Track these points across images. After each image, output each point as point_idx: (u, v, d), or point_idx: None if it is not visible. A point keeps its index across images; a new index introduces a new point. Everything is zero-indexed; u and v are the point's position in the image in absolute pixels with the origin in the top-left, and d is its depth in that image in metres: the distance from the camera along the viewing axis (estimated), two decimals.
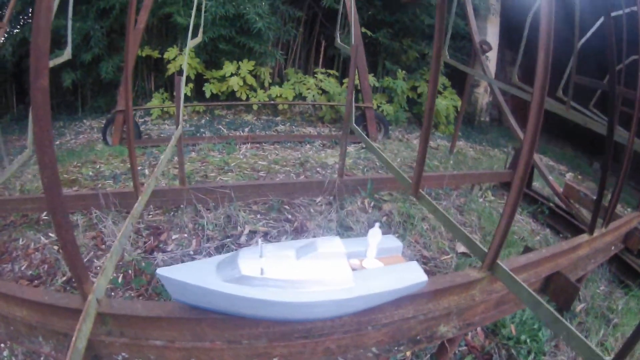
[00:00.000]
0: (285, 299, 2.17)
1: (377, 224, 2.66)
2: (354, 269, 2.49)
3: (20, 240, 4.30)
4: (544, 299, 2.52)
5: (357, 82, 8.84)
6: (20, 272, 3.93)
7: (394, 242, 2.92)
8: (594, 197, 4.58)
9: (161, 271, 2.17)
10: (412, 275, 2.53)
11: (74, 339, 1.86)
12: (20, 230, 4.46)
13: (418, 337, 2.72)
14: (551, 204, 6.02)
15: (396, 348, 2.67)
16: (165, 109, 9.61)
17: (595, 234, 3.87)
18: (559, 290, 3.38)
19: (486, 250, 2.72)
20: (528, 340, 3.60)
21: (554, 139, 12.24)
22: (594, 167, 10.67)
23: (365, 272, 2.52)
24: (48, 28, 1.60)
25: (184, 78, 4.54)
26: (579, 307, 4.24)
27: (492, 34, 11.44)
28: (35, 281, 3.83)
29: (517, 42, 6.06)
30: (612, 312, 4.29)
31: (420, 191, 3.40)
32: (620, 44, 4.39)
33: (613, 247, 4.51)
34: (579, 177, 9.61)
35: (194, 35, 5.71)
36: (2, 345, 3.17)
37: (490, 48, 7.33)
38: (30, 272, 3.91)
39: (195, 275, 2.18)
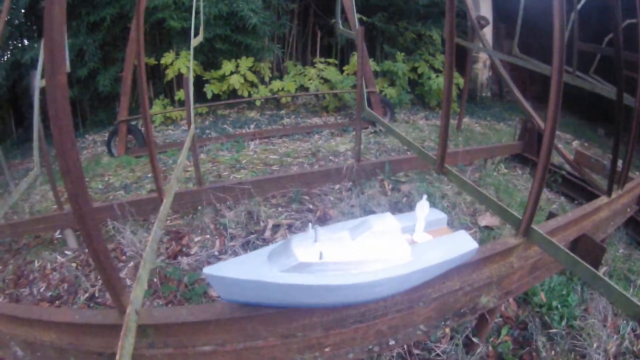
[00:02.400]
0: (347, 281, 2.12)
1: (425, 197, 2.67)
2: None
3: (36, 262, 4.29)
4: None
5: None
6: (39, 294, 3.92)
7: (438, 215, 2.91)
8: (605, 162, 4.62)
9: (209, 270, 2.08)
10: (464, 244, 2.55)
11: (117, 357, 1.72)
12: (34, 251, 4.46)
13: (462, 310, 2.75)
14: (563, 172, 6.04)
15: (443, 323, 2.69)
16: (167, 115, 9.59)
17: (613, 196, 3.92)
18: (586, 252, 3.43)
19: (520, 217, 2.76)
20: (559, 306, 3.66)
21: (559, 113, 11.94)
22: (599, 134, 10.63)
23: (420, 245, 2.51)
24: (63, 19, 1.51)
25: (191, 76, 4.53)
26: (602, 270, 4.27)
27: (485, 8, 11.39)
28: (57, 302, 3.82)
29: (510, 15, 6.05)
30: (633, 273, 4.35)
31: (446, 166, 3.42)
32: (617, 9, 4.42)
33: (629, 209, 4.54)
34: (585, 144, 9.59)
35: (194, 35, 5.71)
36: None
37: (487, 23, 7.35)
38: (49, 293, 3.90)
39: (249, 270, 2.10)
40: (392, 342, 2.54)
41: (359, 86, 4.99)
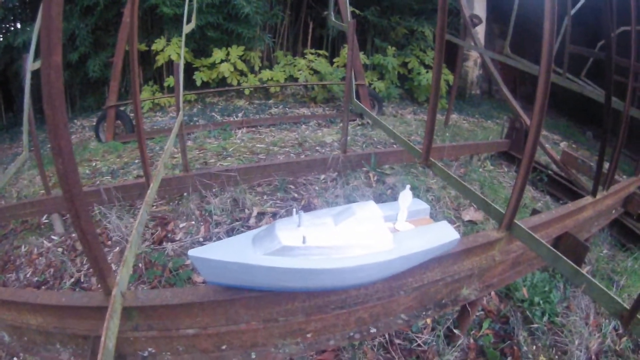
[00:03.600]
0: (330, 265, 2.13)
1: (408, 186, 2.70)
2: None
3: (23, 247, 4.28)
4: None
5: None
6: (26, 279, 3.91)
7: (420, 205, 2.93)
8: (591, 164, 4.66)
9: (194, 252, 2.09)
10: (446, 234, 2.56)
11: (102, 338, 1.73)
12: (21, 237, 4.43)
13: (443, 301, 2.76)
14: (549, 172, 6.08)
15: (424, 313, 2.70)
16: (156, 101, 9.54)
17: (598, 196, 3.96)
18: (569, 250, 3.45)
19: (503, 211, 2.77)
20: (541, 302, 3.69)
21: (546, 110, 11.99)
22: (587, 136, 10.73)
23: (401, 233, 2.51)
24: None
25: (181, 63, 4.48)
26: (585, 269, 4.30)
27: (479, 7, 11.40)
28: (43, 287, 3.81)
29: (504, 15, 6.08)
30: (616, 274, 4.38)
31: (431, 159, 3.43)
32: (610, 16, 4.44)
33: (614, 211, 4.61)
34: (573, 145, 9.66)
35: (186, 21, 5.67)
36: (15, 359, 3.11)
37: (480, 21, 7.36)
38: (36, 278, 3.90)
39: (233, 252, 2.11)
40: (373, 330, 2.55)
41: (347, 78, 4.99)
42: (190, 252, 2.10)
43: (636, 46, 4.00)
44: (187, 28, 5.54)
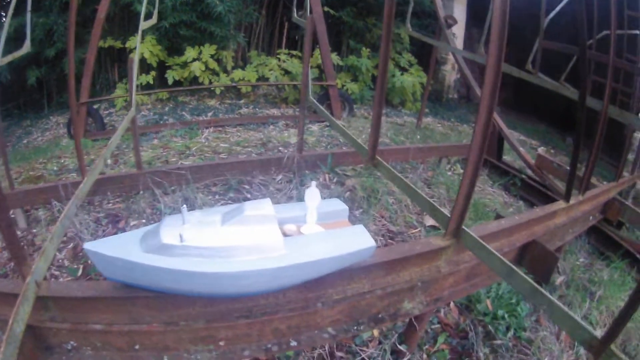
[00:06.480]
0: (207, 269, 1.97)
1: (314, 183, 2.48)
2: (288, 235, 2.30)
3: None
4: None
5: (320, 61, 8.78)
6: None
7: (338, 206, 2.70)
8: (568, 168, 4.43)
9: (88, 245, 2.02)
10: (357, 241, 2.29)
11: (10, 322, 1.80)
12: None
13: (380, 315, 2.52)
14: (523, 176, 5.86)
15: (355, 328, 2.46)
16: (128, 99, 9.32)
17: (572, 202, 3.71)
18: (536, 260, 3.20)
19: (449, 215, 2.46)
20: (506, 316, 3.42)
21: (525, 116, 12.22)
22: (567, 142, 10.65)
23: (301, 238, 2.30)
24: None
25: (136, 58, 4.50)
26: (558, 279, 4.09)
27: (459, 11, 11.34)
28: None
29: (484, 20, 5.87)
30: (594, 284, 4.15)
31: (377, 157, 3.18)
32: (591, 21, 4.44)
33: (591, 217, 4.38)
34: (552, 151, 9.60)
35: (149, 18, 5.52)
36: None
37: (455, 22, 7.29)
38: None
39: (119, 247, 2.02)
40: (293, 343, 2.36)
41: (304, 75, 4.87)
42: (86, 245, 2.03)
43: (615, 41, 3.75)
44: (146, 24, 5.46)
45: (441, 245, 2.54)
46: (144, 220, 4.28)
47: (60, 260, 3.71)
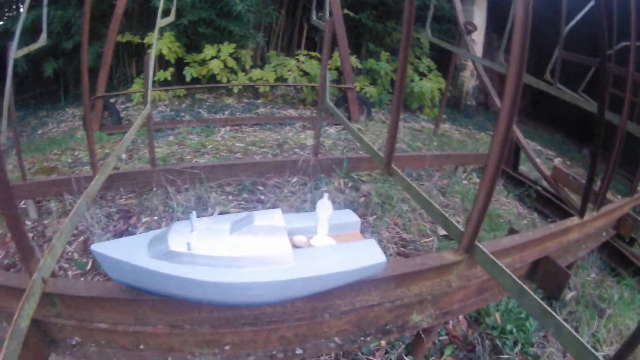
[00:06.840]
0: (214, 278, 1.97)
1: (326, 195, 2.46)
2: (298, 247, 2.29)
3: None
4: (530, 287, 2.25)
5: (338, 63, 8.80)
6: None
7: (350, 217, 2.69)
8: (584, 181, 4.38)
9: (96, 247, 2.03)
10: (368, 256, 2.26)
11: (15, 317, 1.82)
12: None
13: (388, 327, 2.50)
14: (538, 187, 5.77)
15: (362, 338, 2.45)
16: (144, 96, 9.38)
17: (586, 217, 3.65)
18: (548, 277, 3.16)
19: (462, 229, 2.44)
20: (514, 330, 3.36)
21: (542, 126, 12.11)
22: (584, 154, 10.50)
23: (311, 250, 2.29)
24: None
25: (153, 55, 4.46)
26: (569, 295, 4.02)
27: (479, 17, 11.25)
28: (12, 269, 3.75)
29: (504, 26, 5.82)
30: (603, 301, 4.06)
31: (393, 167, 3.15)
32: (611, 31, 4.22)
33: (604, 233, 4.30)
34: (568, 162, 9.47)
35: (167, 15, 5.54)
36: None
37: (475, 28, 7.19)
38: (7, 261, 3.85)
39: (126, 251, 2.02)
40: (299, 352, 2.35)
41: (321, 78, 4.84)
42: (93, 247, 2.05)
43: (635, 54, 3.70)
44: (163, 22, 5.46)
45: (453, 260, 2.51)
46: (155, 217, 4.30)
47: (69, 253, 3.75)
